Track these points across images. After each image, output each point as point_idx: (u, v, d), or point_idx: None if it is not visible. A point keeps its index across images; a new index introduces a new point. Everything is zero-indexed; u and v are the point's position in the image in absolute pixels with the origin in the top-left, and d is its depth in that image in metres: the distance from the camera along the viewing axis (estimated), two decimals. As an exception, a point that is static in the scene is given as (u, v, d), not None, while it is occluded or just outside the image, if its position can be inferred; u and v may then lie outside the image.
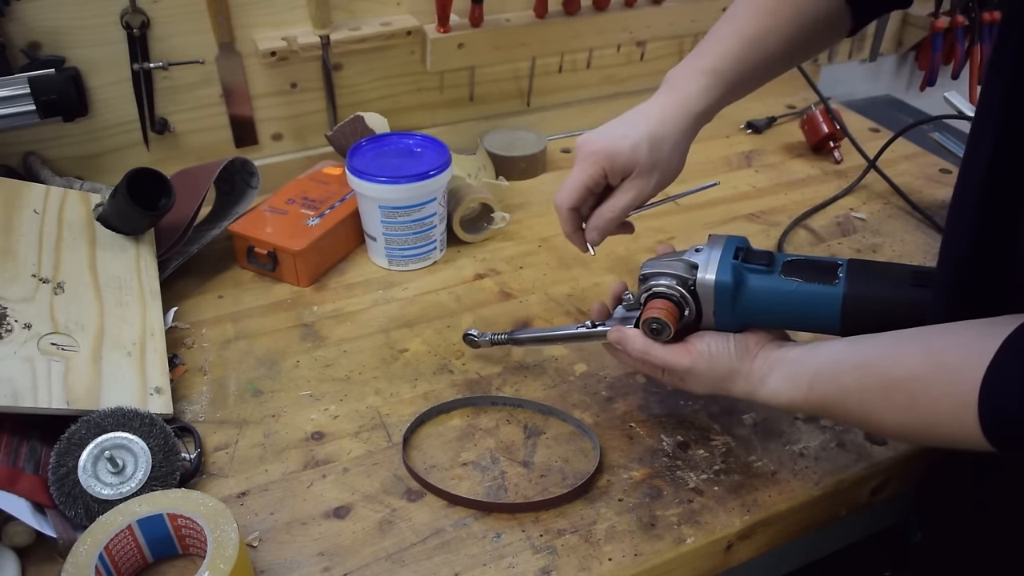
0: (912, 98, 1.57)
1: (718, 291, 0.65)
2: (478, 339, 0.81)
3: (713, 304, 0.66)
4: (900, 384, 0.54)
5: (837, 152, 1.22)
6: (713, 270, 0.65)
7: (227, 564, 0.58)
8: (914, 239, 1.04)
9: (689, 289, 0.66)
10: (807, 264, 0.65)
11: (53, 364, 0.71)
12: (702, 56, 0.72)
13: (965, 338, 0.51)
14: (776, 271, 0.65)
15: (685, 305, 0.66)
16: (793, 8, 0.72)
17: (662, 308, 0.66)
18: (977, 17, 1.49)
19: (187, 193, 0.93)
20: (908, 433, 0.56)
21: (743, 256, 0.66)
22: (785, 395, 0.62)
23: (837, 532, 0.81)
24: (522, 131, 1.22)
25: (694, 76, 0.71)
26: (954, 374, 0.50)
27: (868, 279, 0.63)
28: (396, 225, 0.95)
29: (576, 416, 0.77)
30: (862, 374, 0.57)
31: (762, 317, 0.66)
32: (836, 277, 0.63)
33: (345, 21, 1.10)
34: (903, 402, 0.53)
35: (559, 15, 1.19)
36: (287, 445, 0.75)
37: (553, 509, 0.69)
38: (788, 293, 0.64)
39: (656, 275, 0.67)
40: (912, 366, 0.54)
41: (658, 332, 0.66)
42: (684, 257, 0.67)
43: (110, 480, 0.66)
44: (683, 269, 0.66)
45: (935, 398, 0.51)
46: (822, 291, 0.63)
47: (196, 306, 0.92)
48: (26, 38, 0.95)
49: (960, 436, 0.50)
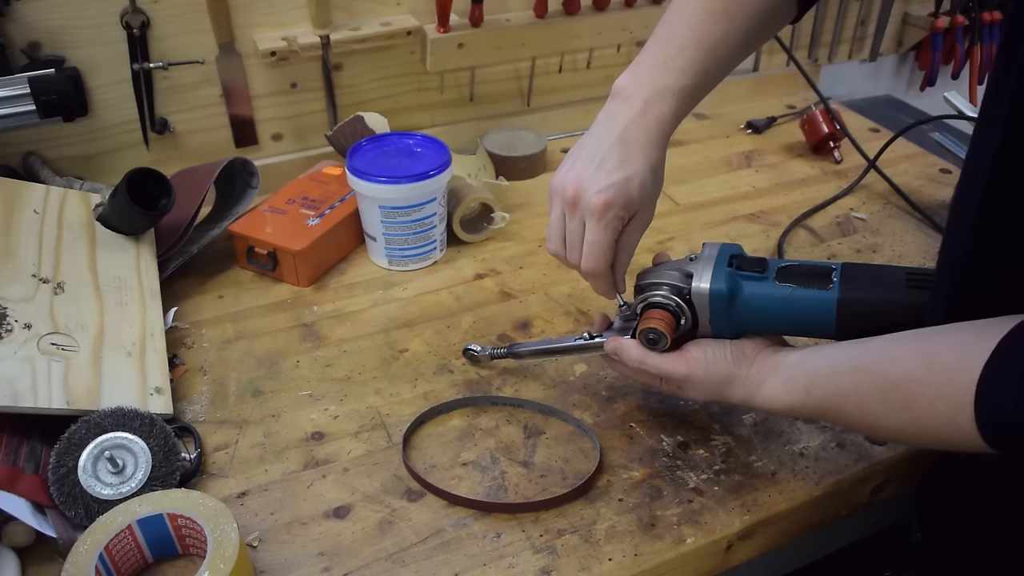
0: (912, 98, 1.57)
1: (713, 299, 0.65)
2: (478, 354, 0.82)
3: (709, 312, 0.66)
4: (897, 386, 0.53)
5: (837, 152, 1.22)
6: (707, 279, 0.65)
7: (227, 564, 0.58)
8: (914, 239, 1.04)
9: (685, 298, 0.66)
10: (801, 269, 0.65)
11: (53, 364, 0.71)
12: (667, 71, 0.67)
13: (961, 339, 0.51)
14: (770, 277, 0.65)
15: (681, 314, 0.67)
16: (745, 9, 0.68)
17: (659, 318, 0.66)
18: (977, 17, 1.49)
19: (187, 193, 0.92)
20: (905, 435, 0.56)
21: (737, 263, 0.67)
22: (783, 400, 0.62)
23: (837, 532, 0.81)
24: (522, 131, 1.22)
25: (665, 96, 0.67)
26: (950, 374, 0.50)
27: (862, 283, 0.63)
28: (396, 225, 0.95)
29: (576, 416, 0.77)
30: (859, 376, 0.57)
31: (758, 324, 0.66)
32: (830, 282, 0.63)
33: (345, 21, 1.09)
34: (900, 404, 0.53)
35: (559, 15, 1.18)
36: (287, 445, 0.75)
37: (553, 509, 0.69)
38: (783, 299, 0.64)
39: (652, 285, 0.68)
40: (908, 368, 0.53)
41: (655, 342, 0.67)
42: (679, 266, 0.68)
43: (110, 480, 0.66)
44: (678, 278, 0.67)
45: (931, 399, 0.51)
46: (817, 296, 0.63)
47: (196, 306, 0.92)
48: (26, 38, 0.95)
49: (956, 438, 0.50)
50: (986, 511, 0.66)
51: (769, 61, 1.43)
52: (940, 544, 0.73)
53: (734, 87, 1.40)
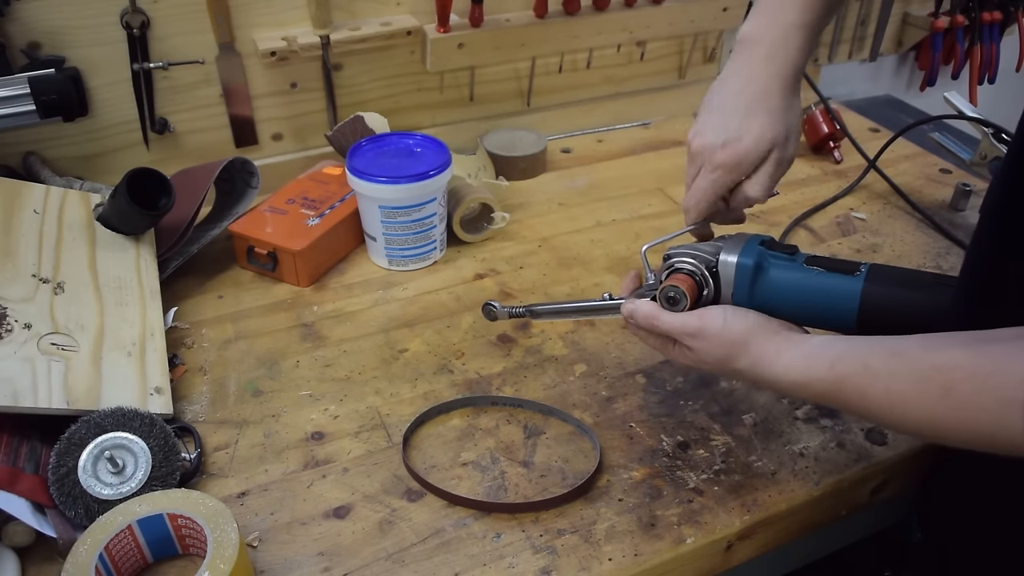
0: (912, 98, 1.57)
1: (739, 273, 0.65)
2: (497, 310, 0.79)
3: (732, 286, 0.65)
4: (937, 371, 0.49)
5: (837, 152, 1.22)
6: (736, 253, 0.65)
7: (227, 564, 0.58)
8: (914, 239, 1.04)
9: (711, 271, 0.66)
10: (830, 259, 0.65)
11: (53, 364, 0.71)
12: (786, 8, 0.69)
13: (1013, 335, 0.48)
14: (799, 261, 0.65)
15: (705, 285, 0.66)
16: None
17: (682, 281, 0.66)
18: (977, 17, 1.49)
19: (187, 193, 0.92)
20: (936, 427, 0.50)
21: (768, 245, 0.67)
22: (799, 372, 0.58)
23: (837, 532, 0.81)
24: (522, 131, 1.22)
25: (792, 33, 0.68)
26: (1001, 365, 0.46)
27: (889, 277, 0.62)
28: (396, 225, 0.95)
29: (576, 416, 0.77)
30: (893, 359, 0.53)
31: (779, 305, 0.65)
32: (858, 270, 0.63)
33: (345, 21, 1.10)
34: (937, 390, 0.49)
35: (559, 15, 1.18)
36: (287, 445, 0.75)
37: (553, 509, 0.69)
38: (807, 281, 0.63)
39: (680, 254, 0.68)
40: (954, 354, 0.49)
41: (675, 301, 0.66)
42: (710, 243, 0.68)
43: (110, 480, 0.66)
44: (707, 251, 0.67)
45: (976, 389, 0.47)
46: (842, 283, 0.63)
47: (196, 306, 0.92)
48: (26, 38, 0.95)
49: (998, 436, 0.46)
50: (986, 511, 0.66)
51: (769, 61, 1.43)
52: (940, 544, 0.73)
53: (734, 87, 1.40)
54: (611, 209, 1.10)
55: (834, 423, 0.77)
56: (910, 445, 0.75)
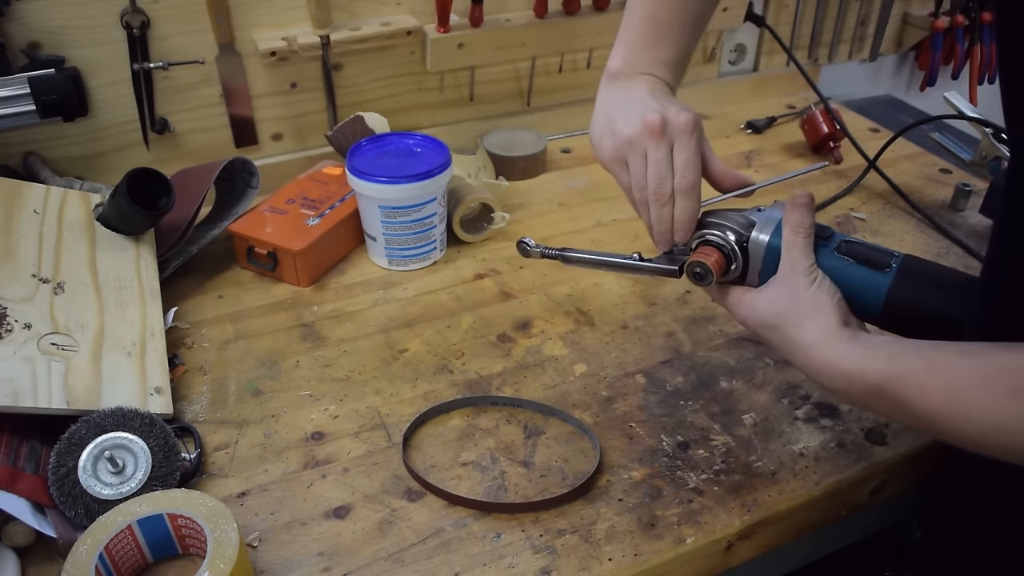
0: (912, 98, 1.57)
1: (769, 253, 0.64)
2: (531, 248, 0.78)
3: (761, 264, 0.65)
4: (1008, 371, 0.47)
5: (837, 152, 1.22)
6: (769, 231, 0.64)
7: (227, 564, 0.58)
8: (914, 239, 1.04)
9: (741, 245, 0.65)
10: (864, 247, 0.63)
11: (53, 364, 0.71)
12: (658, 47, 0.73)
13: None
14: (831, 247, 0.63)
15: (733, 259, 0.66)
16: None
17: (709, 255, 0.65)
18: (977, 17, 1.49)
19: (187, 193, 0.93)
20: (1001, 432, 0.47)
21: None
22: (857, 359, 0.56)
23: (837, 532, 0.81)
24: (522, 131, 1.22)
25: (661, 68, 0.72)
26: None
27: (919, 277, 0.61)
28: (396, 225, 0.95)
29: (576, 416, 0.77)
30: (960, 357, 0.50)
31: None
32: (888, 266, 0.62)
33: (345, 21, 1.10)
34: (1006, 390, 0.46)
35: (559, 15, 1.18)
36: (287, 445, 0.75)
37: (553, 509, 0.69)
38: (836, 272, 0.62)
39: (712, 223, 0.67)
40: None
41: (700, 277, 0.65)
42: (744, 215, 0.67)
43: (110, 480, 0.66)
44: (740, 224, 0.66)
45: None
46: (871, 278, 0.61)
47: (196, 306, 0.92)
48: (26, 38, 0.95)
49: None
50: (986, 511, 0.66)
51: (769, 61, 1.43)
52: (940, 544, 0.73)
53: (734, 87, 1.40)
54: (611, 209, 1.10)
55: (834, 423, 0.77)
56: (910, 445, 0.75)
